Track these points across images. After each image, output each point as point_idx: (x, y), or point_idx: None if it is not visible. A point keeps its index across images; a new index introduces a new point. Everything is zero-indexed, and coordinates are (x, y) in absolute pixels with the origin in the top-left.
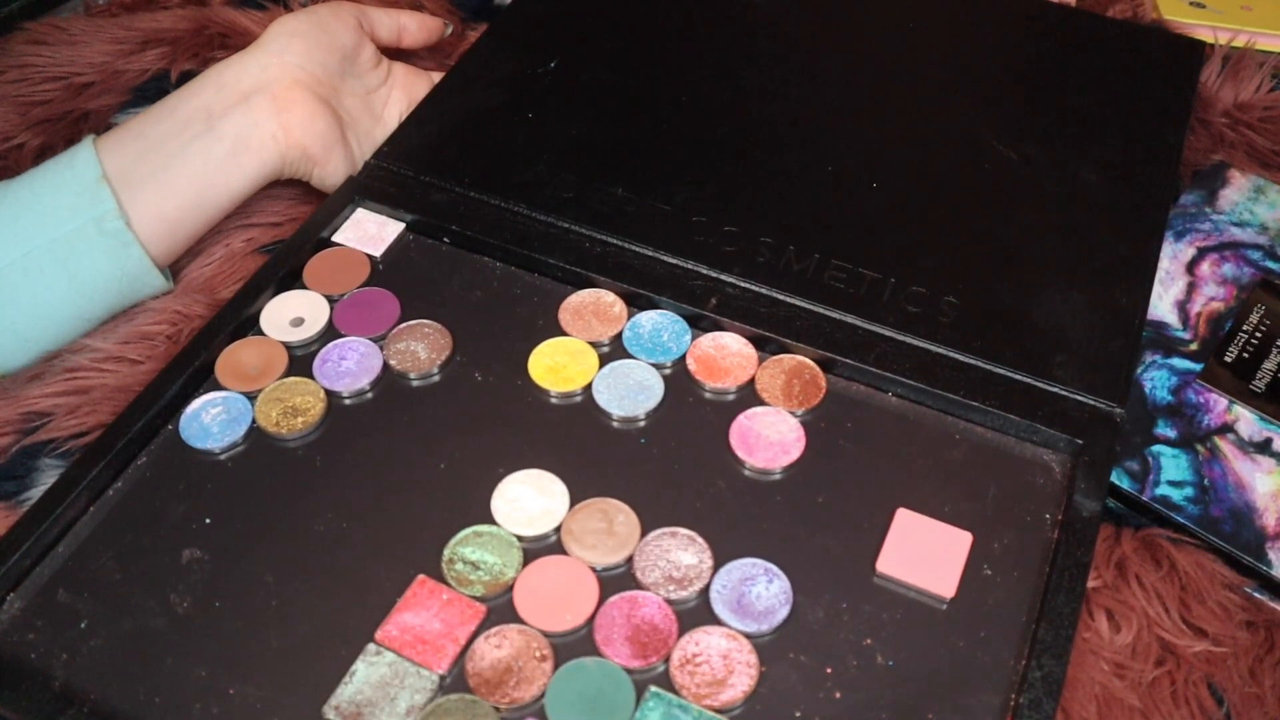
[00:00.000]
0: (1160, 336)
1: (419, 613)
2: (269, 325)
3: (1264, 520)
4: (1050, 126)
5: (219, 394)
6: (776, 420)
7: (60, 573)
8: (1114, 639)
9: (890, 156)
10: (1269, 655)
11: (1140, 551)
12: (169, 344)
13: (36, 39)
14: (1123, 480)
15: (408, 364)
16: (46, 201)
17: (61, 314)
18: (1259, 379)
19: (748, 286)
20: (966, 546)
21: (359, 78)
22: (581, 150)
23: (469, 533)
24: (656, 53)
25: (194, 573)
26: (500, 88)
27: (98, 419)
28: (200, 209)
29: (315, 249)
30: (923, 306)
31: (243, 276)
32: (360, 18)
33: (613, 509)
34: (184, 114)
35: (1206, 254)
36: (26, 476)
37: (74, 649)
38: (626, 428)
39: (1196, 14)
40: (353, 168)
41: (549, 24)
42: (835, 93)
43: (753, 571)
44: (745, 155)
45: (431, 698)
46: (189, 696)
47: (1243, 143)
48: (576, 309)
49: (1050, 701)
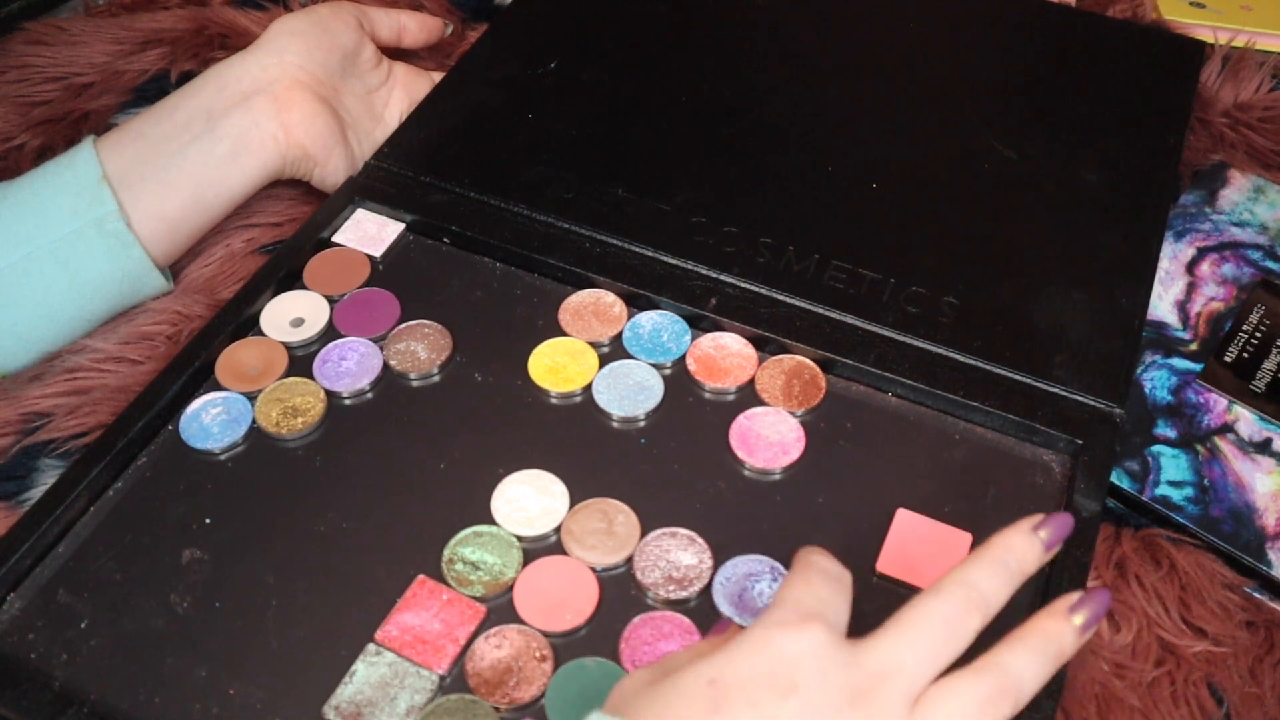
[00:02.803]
0: (1160, 336)
1: (419, 613)
2: (269, 325)
3: (1264, 520)
4: (1050, 126)
5: (219, 394)
6: (776, 420)
7: (60, 573)
8: (1114, 639)
9: (890, 156)
10: (1269, 655)
11: (1140, 551)
12: (169, 344)
13: (36, 39)
14: (1123, 480)
15: (408, 364)
16: (47, 202)
17: (62, 315)
18: (1259, 379)
19: (747, 287)
20: (966, 546)
21: (359, 78)
22: (581, 150)
23: (469, 533)
24: (656, 53)
25: (194, 573)
26: (500, 88)
27: (98, 419)
28: (201, 209)
29: (315, 249)
30: (923, 307)
31: (243, 277)
32: (361, 17)
33: (613, 509)
34: (184, 114)
35: (1206, 254)
36: (27, 477)
37: (74, 649)
38: (626, 428)
39: (1196, 14)
40: (353, 168)
41: (549, 24)
42: (835, 93)
43: (758, 568)
44: (745, 155)
45: (431, 698)
46: (189, 696)
47: (1243, 143)
48: (576, 309)
49: (1050, 701)
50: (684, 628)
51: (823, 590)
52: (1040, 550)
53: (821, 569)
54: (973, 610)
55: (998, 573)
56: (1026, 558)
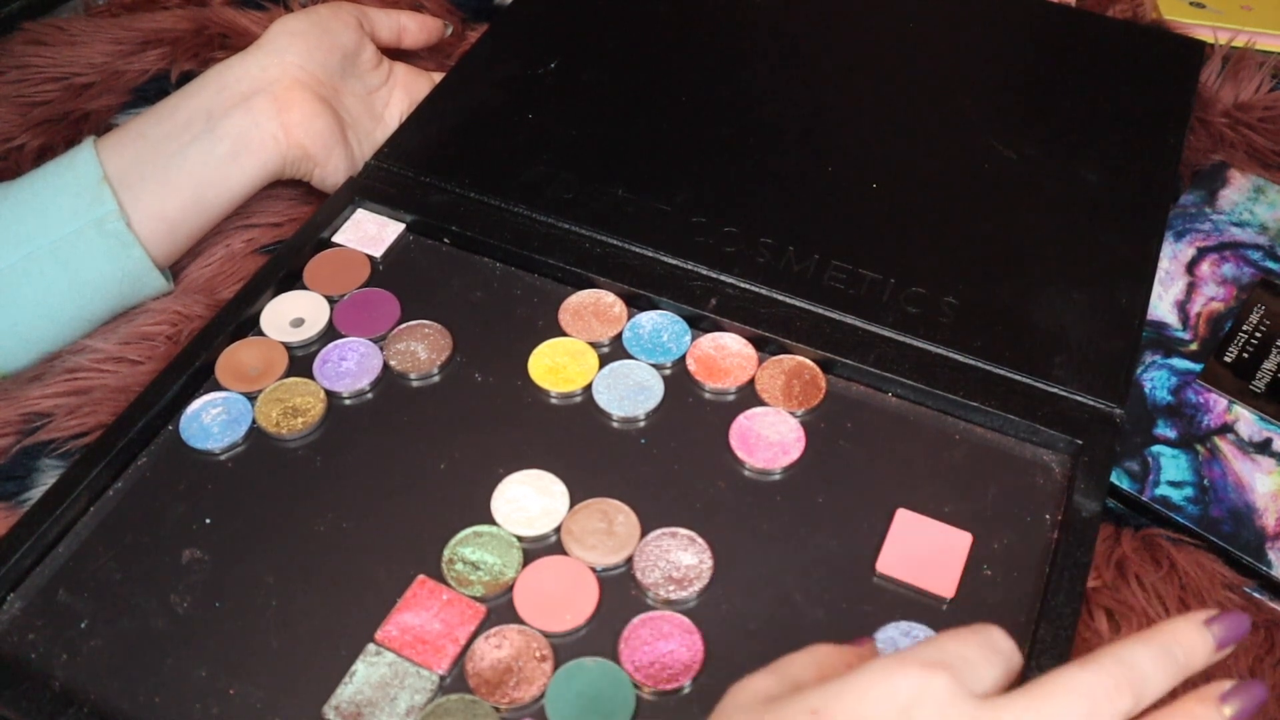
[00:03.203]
0: (1160, 336)
1: (419, 613)
2: (269, 326)
3: (1264, 520)
4: (1050, 126)
5: (219, 394)
6: (776, 420)
7: (60, 573)
8: (1114, 639)
9: (890, 156)
10: (1269, 655)
11: (1140, 551)
12: (169, 344)
13: (36, 39)
14: (1123, 480)
15: (408, 364)
16: (47, 203)
17: (62, 315)
18: (1259, 379)
19: (747, 287)
20: (966, 547)
21: (360, 78)
22: (581, 150)
23: (469, 533)
24: (656, 53)
25: (194, 573)
26: (500, 88)
27: (98, 419)
28: (201, 209)
29: (315, 249)
30: (922, 307)
31: (243, 277)
32: (361, 18)
33: (613, 509)
34: (185, 115)
35: (1206, 254)
36: (27, 477)
37: (74, 649)
38: (626, 428)
39: (1196, 14)
40: (353, 168)
41: (549, 24)
42: (835, 93)
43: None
44: (745, 155)
45: (431, 698)
46: (189, 696)
47: (1243, 143)
48: (576, 309)
49: None
50: (684, 627)
51: (971, 651)
52: (1211, 648)
53: (985, 636)
54: (1125, 691)
55: (1161, 661)
56: (1195, 652)
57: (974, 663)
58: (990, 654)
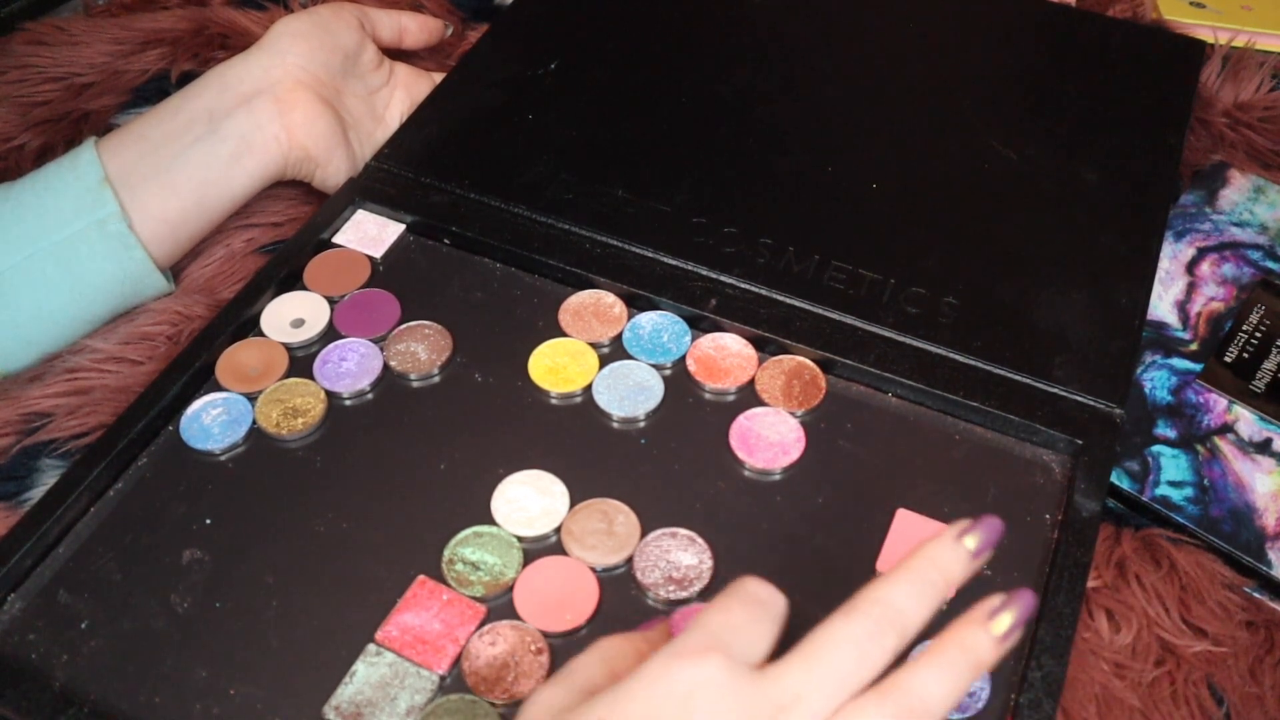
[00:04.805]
0: (1160, 336)
1: (419, 613)
2: (269, 326)
3: (1264, 520)
4: (1050, 126)
5: (219, 395)
6: (776, 421)
7: (61, 573)
8: (1114, 639)
9: (890, 156)
10: (1269, 655)
11: (1140, 551)
12: (169, 345)
13: (36, 39)
14: (1123, 480)
15: (408, 365)
16: (49, 204)
17: (63, 316)
18: (1259, 379)
19: (747, 287)
20: None
21: (361, 78)
22: (581, 151)
23: (469, 533)
24: (656, 53)
25: (194, 573)
26: (500, 89)
27: (98, 420)
28: (202, 210)
29: (316, 250)
30: (922, 307)
31: (243, 277)
32: (362, 18)
33: (613, 509)
34: (186, 115)
35: (1206, 254)
36: (27, 477)
37: (74, 649)
38: (626, 428)
39: (1196, 14)
40: (354, 169)
41: (549, 25)
42: (835, 93)
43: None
44: (745, 156)
45: (432, 698)
46: (189, 696)
47: (1243, 143)
48: (576, 310)
49: (1050, 701)
50: None
51: (738, 617)
52: (966, 559)
53: (744, 594)
54: (888, 631)
55: (917, 590)
56: (952, 569)
57: (741, 628)
58: (755, 611)
